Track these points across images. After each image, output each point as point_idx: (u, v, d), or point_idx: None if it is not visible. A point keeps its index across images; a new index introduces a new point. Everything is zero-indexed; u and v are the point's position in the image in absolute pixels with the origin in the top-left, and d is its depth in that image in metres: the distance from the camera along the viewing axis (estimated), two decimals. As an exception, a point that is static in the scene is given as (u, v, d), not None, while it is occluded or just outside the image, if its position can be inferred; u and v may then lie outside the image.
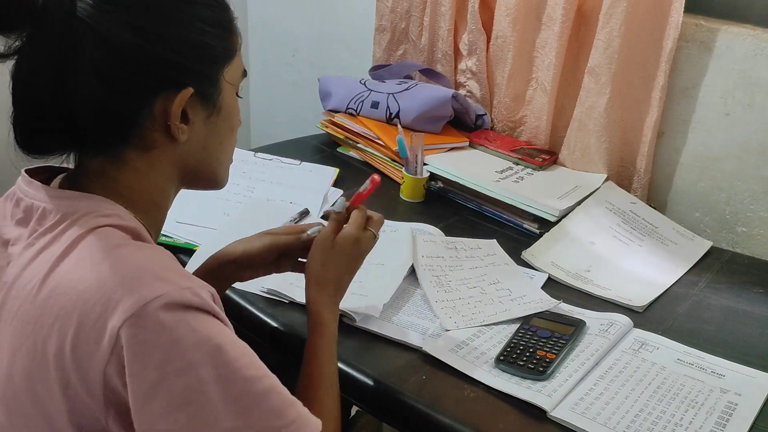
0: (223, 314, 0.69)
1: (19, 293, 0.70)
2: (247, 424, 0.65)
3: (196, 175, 0.81)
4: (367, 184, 0.96)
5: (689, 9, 1.36)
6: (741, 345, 1.07)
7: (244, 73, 0.82)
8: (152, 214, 0.79)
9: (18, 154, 0.73)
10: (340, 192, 1.43)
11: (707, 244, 1.37)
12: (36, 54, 0.68)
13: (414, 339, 1.02)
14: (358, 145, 1.62)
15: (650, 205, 1.45)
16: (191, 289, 0.66)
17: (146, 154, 0.75)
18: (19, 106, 0.71)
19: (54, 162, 0.77)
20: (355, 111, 1.64)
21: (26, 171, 0.77)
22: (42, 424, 0.68)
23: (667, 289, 1.22)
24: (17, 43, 0.68)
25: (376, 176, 0.96)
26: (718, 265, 1.31)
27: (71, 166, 0.77)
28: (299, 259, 0.98)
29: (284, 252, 0.97)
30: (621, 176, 1.51)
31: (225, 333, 0.67)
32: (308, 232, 0.96)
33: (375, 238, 0.95)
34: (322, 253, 0.90)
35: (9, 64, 0.70)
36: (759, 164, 1.36)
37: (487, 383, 0.94)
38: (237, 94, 0.82)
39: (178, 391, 0.64)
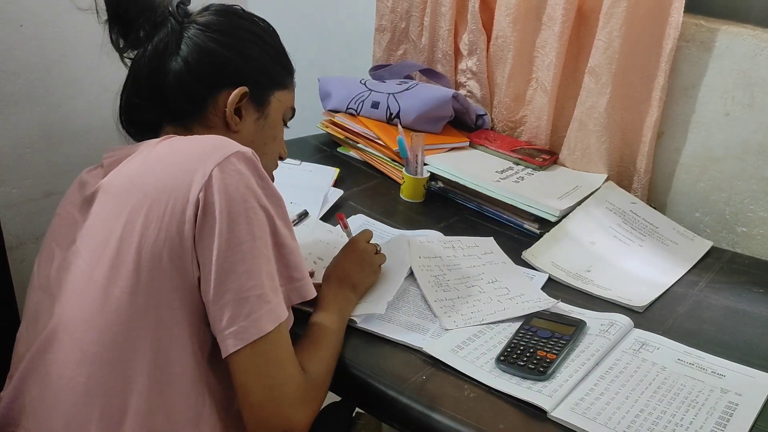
0: None
1: (112, 184, 0.89)
2: (279, 267, 0.87)
3: None
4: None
5: (689, 9, 1.36)
6: (741, 345, 1.07)
7: (293, 111, 1.08)
8: None
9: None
10: (340, 192, 1.43)
11: (707, 244, 1.37)
12: (148, 55, 0.96)
13: (414, 339, 1.02)
14: (358, 145, 1.62)
15: (650, 205, 1.45)
16: (254, 152, 0.89)
17: (208, 130, 0.97)
18: (130, 87, 0.98)
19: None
20: (356, 111, 1.64)
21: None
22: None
23: (667, 289, 1.22)
24: (140, 47, 0.96)
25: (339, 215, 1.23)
26: (718, 265, 1.31)
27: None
28: None
29: None
30: (621, 176, 1.51)
31: (274, 189, 0.89)
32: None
33: (376, 247, 1.15)
34: (332, 258, 1.12)
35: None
36: (759, 164, 1.36)
37: (487, 383, 0.94)
38: (285, 123, 1.07)
39: (254, 224, 0.84)
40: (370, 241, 1.15)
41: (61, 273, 0.89)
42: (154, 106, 0.97)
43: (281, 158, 1.09)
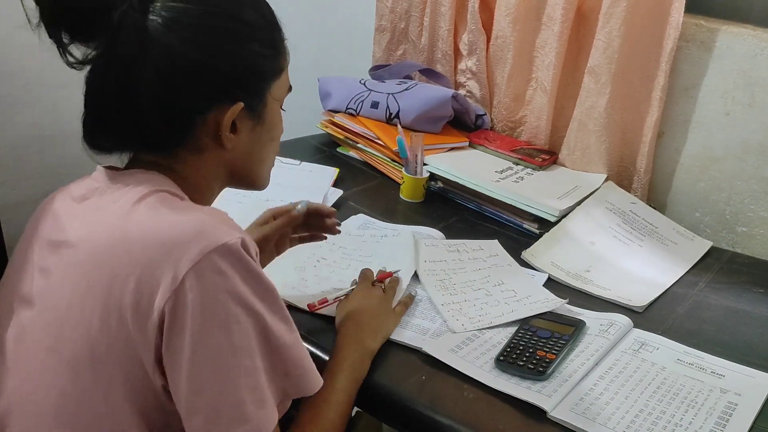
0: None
1: (82, 246, 0.77)
2: (272, 369, 0.75)
3: (240, 177, 0.89)
4: None
5: (689, 9, 1.36)
6: (741, 345, 1.07)
7: (290, 89, 0.91)
8: (197, 203, 0.84)
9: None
10: (340, 192, 1.43)
11: (707, 244, 1.37)
12: (110, 63, 0.76)
13: (414, 339, 1.02)
14: (358, 145, 1.62)
15: (650, 205, 1.45)
16: (244, 240, 0.74)
17: (197, 155, 0.83)
18: (91, 108, 0.80)
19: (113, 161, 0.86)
20: (355, 111, 1.64)
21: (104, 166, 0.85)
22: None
23: (667, 289, 1.22)
24: (93, 53, 0.76)
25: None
26: (718, 265, 1.31)
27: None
28: (292, 235, 1.14)
29: (283, 233, 1.11)
30: (621, 176, 1.51)
31: (265, 283, 0.76)
32: (297, 209, 1.10)
33: (384, 290, 1.08)
34: (340, 306, 1.04)
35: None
36: (759, 164, 1.36)
37: (486, 383, 0.94)
38: (281, 108, 0.91)
39: (236, 334, 0.72)
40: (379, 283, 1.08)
41: (16, 344, 0.79)
42: (125, 133, 0.80)
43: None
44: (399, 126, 1.54)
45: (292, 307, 1.07)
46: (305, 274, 1.15)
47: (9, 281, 0.84)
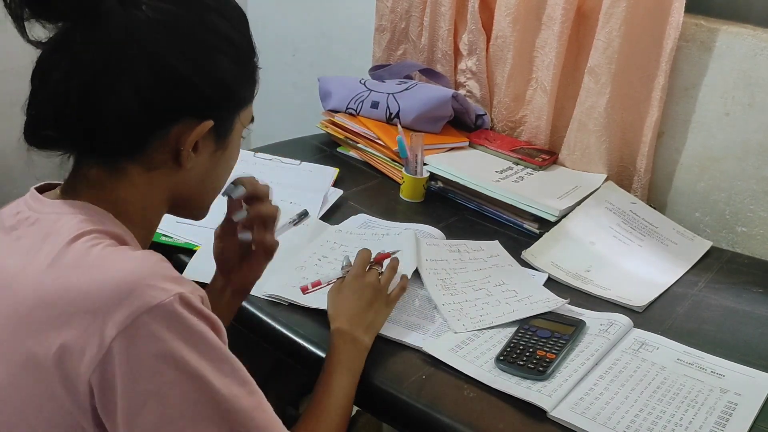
0: (213, 316, 0.69)
1: (3, 297, 0.69)
2: (231, 428, 0.66)
3: (186, 203, 0.82)
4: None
5: (689, 9, 1.36)
6: (741, 345, 1.07)
7: (252, 119, 0.84)
8: (139, 231, 0.78)
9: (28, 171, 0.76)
10: (340, 192, 1.43)
11: (707, 244, 1.37)
12: (79, 52, 0.69)
13: (414, 339, 1.02)
14: (358, 145, 1.62)
15: (650, 205, 1.45)
16: (182, 295, 0.65)
17: (147, 173, 0.75)
18: (43, 95, 0.72)
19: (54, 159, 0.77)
20: (355, 111, 1.64)
21: (35, 188, 0.78)
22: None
23: (667, 289, 1.22)
24: (57, 34, 0.69)
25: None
26: (718, 265, 1.31)
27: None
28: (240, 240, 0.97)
29: (235, 250, 0.97)
30: (621, 176, 1.51)
31: (209, 341, 0.67)
32: (233, 217, 0.93)
33: (379, 274, 1.03)
34: (332, 295, 1.01)
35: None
36: (759, 164, 1.36)
37: (487, 383, 0.94)
38: (241, 136, 0.83)
39: (174, 401, 0.64)
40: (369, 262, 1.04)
41: None
42: (77, 134, 0.72)
43: None
44: (399, 126, 1.54)
45: (294, 305, 1.07)
46: (306, 273, 1.15)
47: None
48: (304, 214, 1.31)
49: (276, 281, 1.10)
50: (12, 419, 0.67)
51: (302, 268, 1.16)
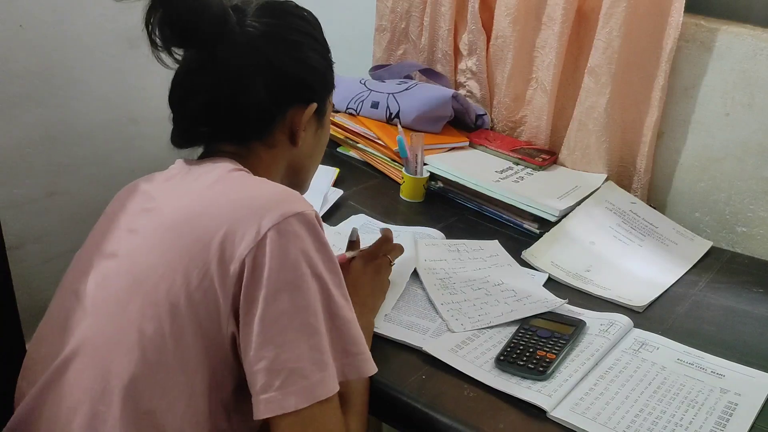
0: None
1: (170, 210, 0.85)
2: (332, 340, 0.81)
3: (295, 175, 1.00)
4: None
5: (689, 9, 1.36)
6: (741, 345, 1.07)
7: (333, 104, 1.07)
8: None
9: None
10: (340, 192, 1.43)
11: (707, 244, 1.37)
12: (210, 66, 0.89)
13: (414, 339, 1.02)
14: (358, 145, 1.62)
15: (650, 205, 1.45)
16: (317, 213, 0.84)
17: (270, 150, 0.95)
18: (185, 105, 0.92)
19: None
20: (355, 111, 1.64)
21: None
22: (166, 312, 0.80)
23: (667, 289, 1.22)
24: (189, 55, 0.89)
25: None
26: (718, 265, 1.31)
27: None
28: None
29: None
30: (621, 176, 1.51)
31: (333, 258, 0.83)
32: (348, 255, 1.12)
33: (391, 263, 1.12)
34: (353, 267, 1.09)
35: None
36: (759, 164, 1.36)
37: (487, 383, 0.94)
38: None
39: (303, 294, 0.79)
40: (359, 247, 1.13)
41: (97, 290, 0.85)
42: (214, 124, 0.92)
43: None
44: (399, 126, 1.54)
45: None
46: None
47: (90, 246, 0.90)
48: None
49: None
50: (165, 301, 0.80)
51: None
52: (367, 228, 1.32)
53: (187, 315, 0.79)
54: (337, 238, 1.26)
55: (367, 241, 1.27)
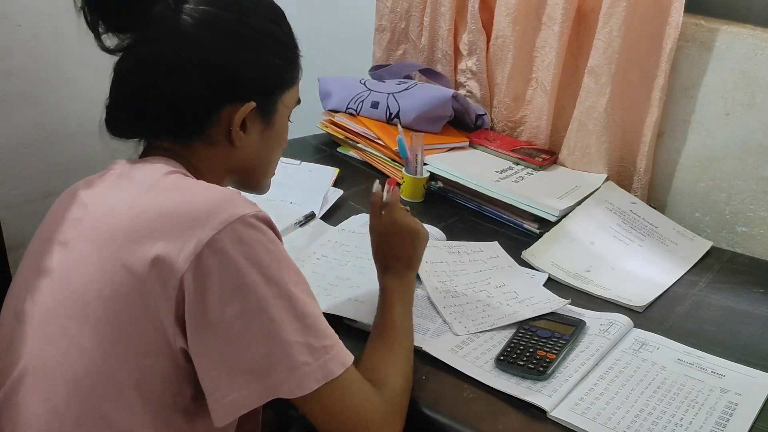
0: (280, 234, 0.82)
1: (102, 217, 0.81)
2: (306, 340, 0.76)
3: (244, 177, 0.95)
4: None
5: (689, 9, 1.36)
6: (741, 345, 1.07)
7: (298, 101, 0.98)
8: None
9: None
10: (340, 192, 1.43)
11: (707, 244, 1.37)
12: (142, 55, 0.83)
13: (414, 339, 1.02)
14: (358, 145, 1.62)
15: (650, 205, 1.45)
16: (260, 212, 0.79)
17: (209, 148, 0.89)
18: (118, 94, 0.86)
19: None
20: (355, 111, 1.64)
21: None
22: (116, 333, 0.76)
23: (667, 289, 1.22)
24: (126, 43, 0.83)
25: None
26: (718, 265, 1.31)
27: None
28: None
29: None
30: (621, 176, 1.51)
31: (285, 256, 0.80)
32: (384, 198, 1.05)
33: (407, 210, 1.07)
34: (374, 237, 1.04)
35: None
36: (759, 164, 1.36)
37: (487, 383, 0.94)
38: (288, 119, 0.96)
39: (255, 300, 0.74)
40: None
41: (35, 309, 0.81)
42: (148, 121, 0.87)
43: None
44: (399, 126, 1.54)
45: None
46: (303, 271, 1.14)
47: (29, 260, 0.86)
48: (310, 216, 1.32)
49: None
50: (104, 318, 0.76)
51: (301, 267, 1.16)
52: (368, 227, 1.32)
53: (129, 332, 0.76)
54: (340, 234, 1.26)
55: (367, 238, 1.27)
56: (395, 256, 1.02)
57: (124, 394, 0.76)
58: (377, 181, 1.07)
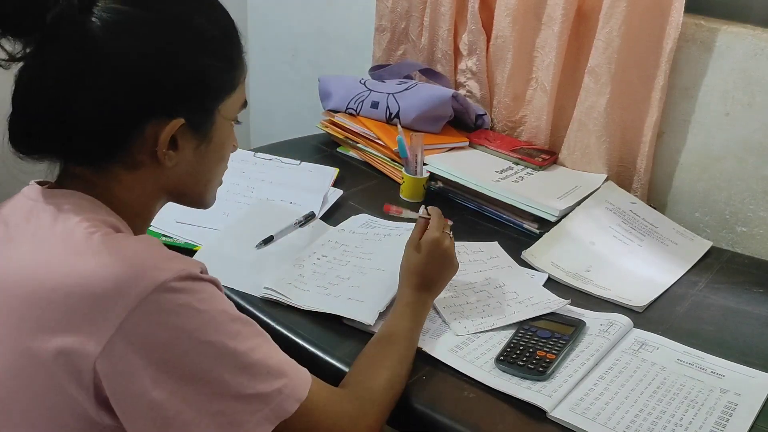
0: (214, 278, 0.73)
1: (4, 282, 0.70)
2: (255, 390, 0.70)
3: (183, 196, 0.84)
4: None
5: (689, 9, 1.36)
6: (741, 345, 1.07)
7: (245, 104, 0.84)
8: (133, 221, 0.79)
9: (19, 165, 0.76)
10: (340, 192, 1.43)
11: (707, 244, 1.37)
12: (43, 63, 0.70)
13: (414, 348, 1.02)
14: (358, 145, 1.62)
15: (650, 205, 1.45)
16: (186, 271, 0.68)
17: (133, 172, 0.76)
18: (19, 107, 0.73)
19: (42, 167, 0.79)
20: (355, 111, 1.64)
21: (35, 181, 0.79)
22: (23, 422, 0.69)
23: (667, 289, 1.22)
24: (26, 50, 0.70)
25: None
26: (718, 265, 1.31)
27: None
28: None
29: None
30: (621, 176, 1.51)
31: (218, 306, 0.71)
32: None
33: (450, 238, 1.06)
34: (409, 251, 1.02)
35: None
36: (759, 164, 1.36)
37: (486, 383, 0.94)
38: (236, 120, 0.84)
39: (190, 369, 0.67)
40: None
41: None
42: (56, 141, 0.74)
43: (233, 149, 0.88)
44: (399, 126, 1.54)
45: (292, 306, 1.07)
46: (303, 270, 1.15)
47: None
48: (310, 216, 1.32)
49: (272, 276, 1.11)
50: (11, 408, 0.68)
51: (301, 265, 1.16)
52: (369, 227, 1.32)
53: (48, 424, 0.68)
54: (340, 234, 1.26)
55: (369, 238, 1.27)
56: (426, 276, 1.02)
57: None
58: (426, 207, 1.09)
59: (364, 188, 1.50)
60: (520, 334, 1.02)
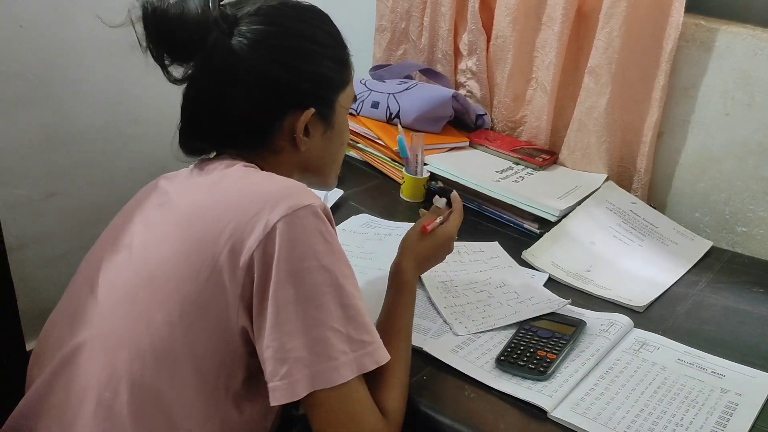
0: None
1: (182, 203, 0.88)
2: (347, 330, 0.81)
3: (313, 175, 1.01)
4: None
5: (689, 9, 1.36)
6: (741, 345, 1.07)
7: (355, 98, 1.05)
8: None
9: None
10: (340, 192, 1.44)
11: (707, 244, 1.37)
12: (204, 79, 0.90)
13: (415, 339, 1.02)
14: (359, 145, 1.62)
15: (650, 205, 1.45)
16: (326, 207, 0.85)
17: (275, 156, 0.95)
18: (188, 117, 0.93)
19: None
20: (356, 111, 1.64)
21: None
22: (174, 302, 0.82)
23: (667, 289, 1.22)
24: (190, 71, 0.89)
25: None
26: (718, 265, 1.31)
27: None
28: None
29: None
30: (621, 176, 1.51)
31: (340, 249, 0.84)
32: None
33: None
34: (413, 235, 1.06)
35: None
36: (759, 164, 1.36)
37: (487, 383, 0.94)
38: (347, 115, 1.02)
39: (308, 285, 0.80)
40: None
41: (110, 281, 0.88)
42: (218, 139, 0.95)
43: None
44: (399, 126, 1.54)
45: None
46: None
47: (106, 239, 0.93)
48: None
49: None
50: (174, 293, 0.82)
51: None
52: (369, 227, 1.32)
53: (196, 307, 0.81)
54: (341, 235, 1.26)
55: (370, 238, 1.27)
56: (426, 264, 1.05)
57: (180, 372, 0.81)
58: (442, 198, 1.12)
59: (364, 188, 1.51)
60: (520, 334, 1.02)
